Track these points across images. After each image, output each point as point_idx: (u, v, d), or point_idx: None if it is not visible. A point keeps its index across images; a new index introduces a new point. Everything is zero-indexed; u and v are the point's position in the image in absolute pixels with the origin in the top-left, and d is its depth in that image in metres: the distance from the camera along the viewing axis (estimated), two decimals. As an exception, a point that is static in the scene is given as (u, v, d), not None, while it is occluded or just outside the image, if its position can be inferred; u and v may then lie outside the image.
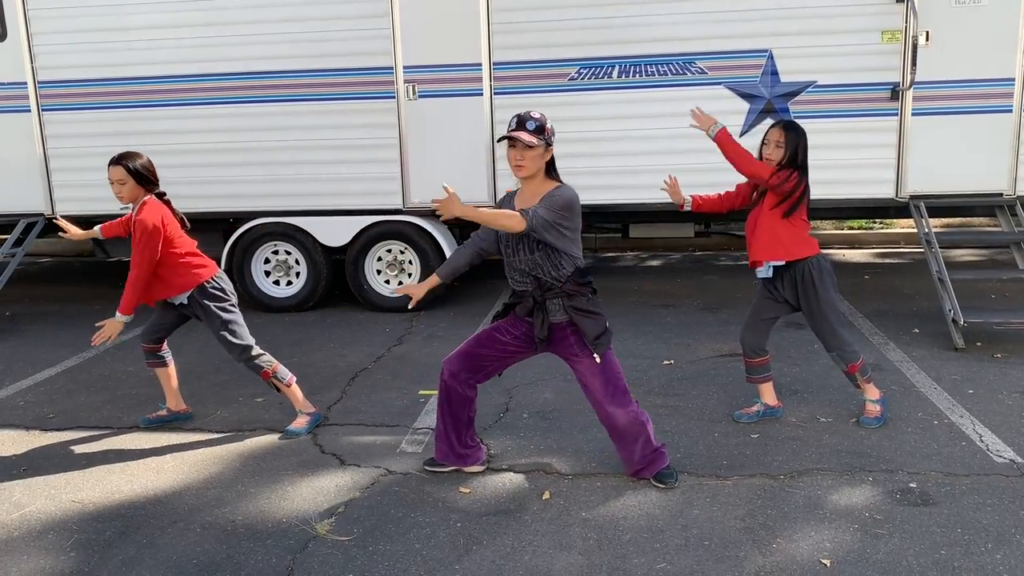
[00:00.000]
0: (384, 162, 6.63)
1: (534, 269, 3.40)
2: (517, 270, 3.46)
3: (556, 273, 3.40)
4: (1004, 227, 6.15)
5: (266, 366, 4.23)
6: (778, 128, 4.06)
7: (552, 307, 3.42)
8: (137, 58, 6.71)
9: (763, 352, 4.24)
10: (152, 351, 4.42)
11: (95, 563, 3.11)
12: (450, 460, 3.71)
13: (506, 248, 3.47)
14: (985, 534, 3.11)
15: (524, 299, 3.46)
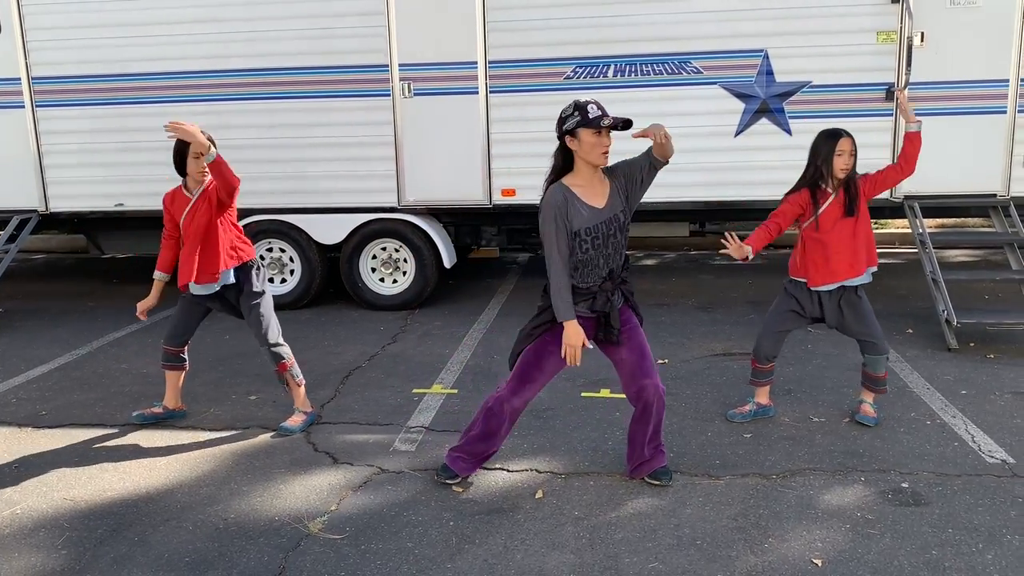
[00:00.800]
0: (379, 160, 6.62)
1: (618, 253, 3.35)
2: (600, 261, 3.32)
3: (623, 261, 3.42)
4: (998, 228, 6.16)
5: (287, 358, 4.26)
6: (847, 139, 3.91)
7: (615, 298, 3.40)
8: (132, 54, 6.69)
9: (774, 360, 4.24)
10: (176, 354, 4.40)
11: (86, 561, 3.10)
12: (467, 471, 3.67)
13: (596, 236, 3.27)
14: (976, 534, 3.12)
15: (595, 296, 3.35)
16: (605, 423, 4.28)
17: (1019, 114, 6.00)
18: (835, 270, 3.98)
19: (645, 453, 3.56)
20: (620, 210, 3.34)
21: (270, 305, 4.30)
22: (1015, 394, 4.57)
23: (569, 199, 3.27)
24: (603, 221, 3.29)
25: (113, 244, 7.53)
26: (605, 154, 3.26)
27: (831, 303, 4.05)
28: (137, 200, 6.87)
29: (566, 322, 3.27)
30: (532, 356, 3.43)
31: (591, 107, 3.23)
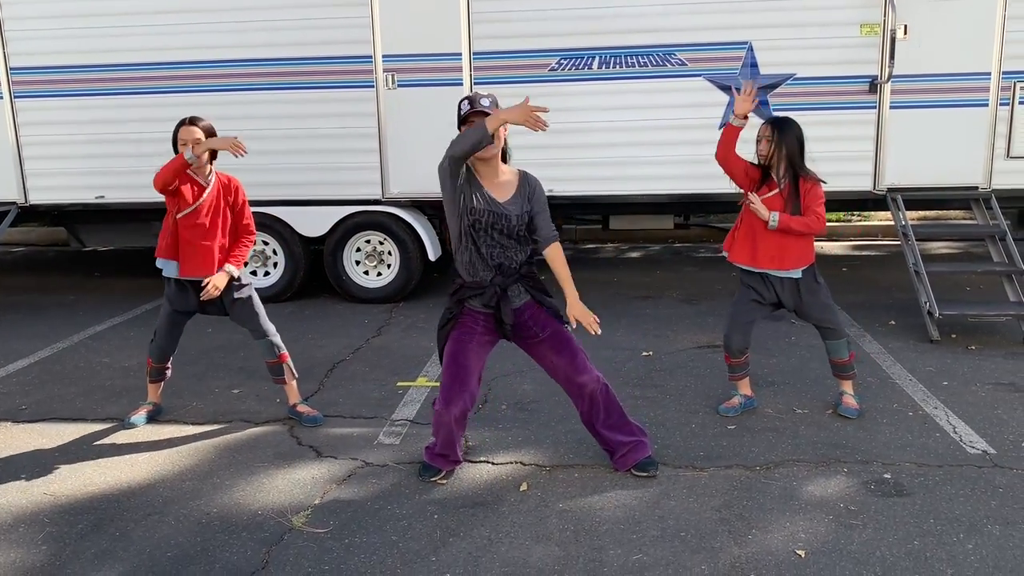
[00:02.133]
0: (363, 152, 6.59)
1: (505, 253, 3.38)
2: (484, 256, 3.37)
3: (522, 257, 3.43)
4: (979, 220, 6.21)
5: (284, 349, 4.25)
6: (767, 125, 4.02)
7: (513, 292, 3.44)
8: (113, 45, 6.61)
9: (747, 351, 4.26)
10: (163, 370, 4.34)
11: (67, 556, 3.07)
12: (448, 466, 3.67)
13: (477, 222, 3.33)
14: (957, 524, 3.14)
15: (484, 290, 3.39)
16: (590, 415, 4.28)
17: (1000, 107, 6.04)
18: (758, 257, 4.04)
19: (618, 438, 3.56)
20: (516, 214, 3.36)
21: (257, 296, 4.28)
22: (996, 385, 4.61)
23: (471, 179, 3.36)
24: (491, 212, 3.32)
25: (94, 237, 7.46)
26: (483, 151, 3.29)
27: (784, 288, 4.08)
28: (118, 192, 6.80)
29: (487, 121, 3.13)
30: (449, 359, 3.45)
31: (463, 104, 3.31)
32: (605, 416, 3.55)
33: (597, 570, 2.90)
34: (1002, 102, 6.04)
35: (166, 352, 4.28)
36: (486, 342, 3.50)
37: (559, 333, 3.49)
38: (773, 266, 4.04)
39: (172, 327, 4.24)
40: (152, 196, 6.57)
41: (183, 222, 4.05)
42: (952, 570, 2.85)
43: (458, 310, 3.49)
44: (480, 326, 3.47)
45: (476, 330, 3.47)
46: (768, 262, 4.04)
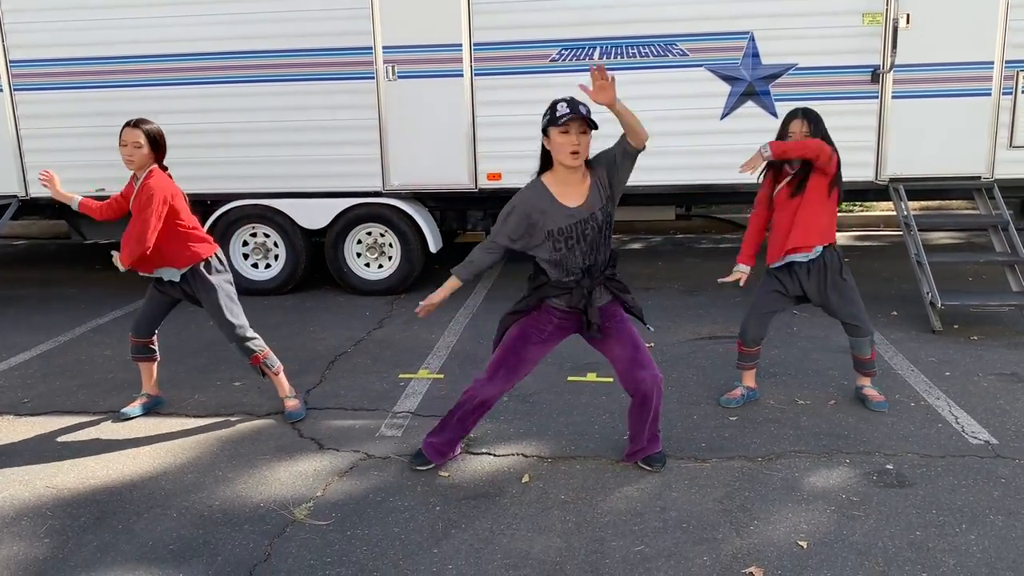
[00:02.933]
0: (363, 144, 6.57)
1: (596, 253, 3.29)
2: (577, 258, 3.28)
3: (605, 257, 3.35)
4: (982, 210, 6.19)
5: (258, 351, 4.18)
6: (801, 119, 3.97)
7: (598, 293, 3.37)
8: (112, 37, 6.60)
9: (761, 342, 4.25)
10: (144, 345, 4.32)
11: (69, 549, 3.08)
12: (441, 460, 3.66)
13: (569, 236, 3.24)
14: (959, 515, 3.14)
15: (573, 290, 3.31)
16: (591, 407, 4.28)
17: (1003, 96, 6.01)
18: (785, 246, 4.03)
19: (644, 441, 3.57)
20: (599, 208, 3.27)
21: (229, 296, 4.17)
22: (998, 376, 4.60)
23: (543, 198, 3.24)
24: (578, 221, 3.24)
25: (95, 230, 7.44)
26: (575, 154, 3.14)
27: (810, 278, 4.06)
28: (118, 185, 6.74)
29: (452, 277, 3.41)
30: (509, 343, 3.43)
31: (560, 105, 3.14)
32: (653, 420, 3.51)
33: (599, 562, 2.90)
34: (1005, 91, 6.01)
35: (141, 324, 4.25)
36: (553, 340, 3.45)
37: (623, 324, 3.45)
38: (800, 248, 3.99)
39: (150, 302, 4.24)
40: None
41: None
42: (954, 561, 2.85)
43: (536, 304, 3.41)
44: (553, 325, 3.41)
45: (547, 329, 3.41)
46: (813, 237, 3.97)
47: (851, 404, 4.24)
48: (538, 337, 3.41)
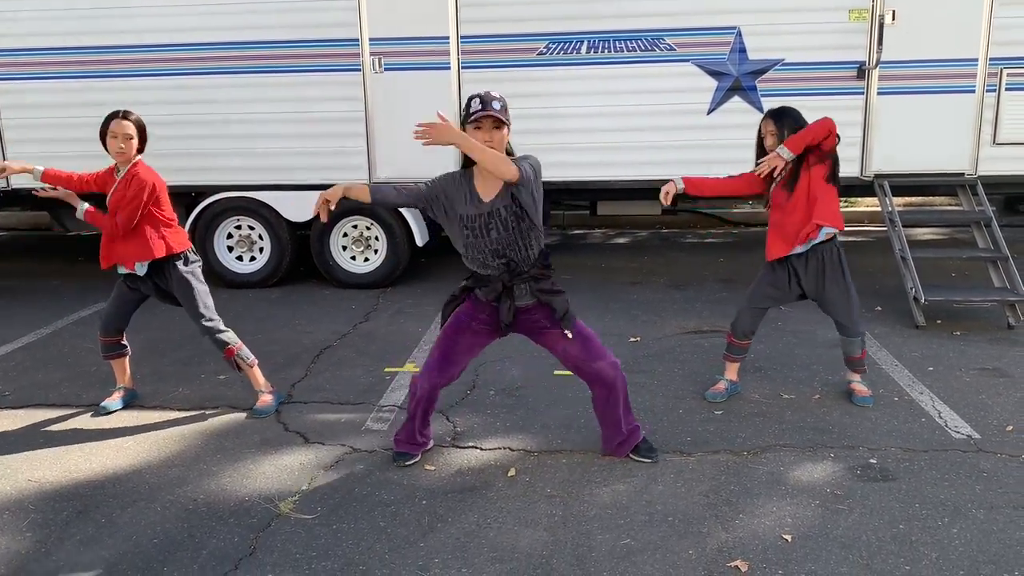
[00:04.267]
0: (350, 136, 6.54)
1: (508, 249, 3.28)
2: (486, 251, 3.29)
3: (526, 253, 3.31)
4: (965, 206, 6.23)
5: (232, 343, 4.15)
6: (767, 119, 4.03)
7: (519, 292, 3.36)
8: (94, 27, 6.53)
9: (751, 336, 4.27)
10: (114, 343, 4.27)
11: (52, 543, 3.05)
12: (415, 451, 3.67)
13: (474, 227, 3.27)
14: (942, 508, 3.17)
15: (490, 283, 3.33)
16: (577, 401, 4.28)
17: (987, 93, 6.05)
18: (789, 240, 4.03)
19: (623, 431, 3.57)
20: (503, 204, 3.24)
21: (206, 291, 4.16)
22: (980, 370, 4.64)
23: (461, 183, 3.30)
24: (482, 214, 3.26)
25: (77, 221, 7.35)
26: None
27: (808, 272, 4.06)
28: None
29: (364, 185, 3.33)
30: (441, 335, 3.49)
31: (474, 101, 3.18)
32: (625, 407, 3.53)
33: (585, 555, 2.91)
34: (989, 88, 6.05)
35: (109, 323, 4.21)
36: (484, 331, 3.46)
37: (550, 331, 3.44)
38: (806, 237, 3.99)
39: (116, 297, 4.20)
40: (136, 180, 6.52)
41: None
42: (936, 554, 2.87)
43: (463, 295, 3.47)
44: (484, 315, 3.43)
45: (478, 318, 3.44)
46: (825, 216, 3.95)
47: (836, 398, 4.27)
48: (469, 327, 3.45)
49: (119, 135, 3.93)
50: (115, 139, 3.94)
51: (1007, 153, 6.14)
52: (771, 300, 4.19)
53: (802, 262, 4.06)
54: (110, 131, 3.94)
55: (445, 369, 3.46)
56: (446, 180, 3.34)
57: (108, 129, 3.95)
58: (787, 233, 4.02)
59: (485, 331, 3.48)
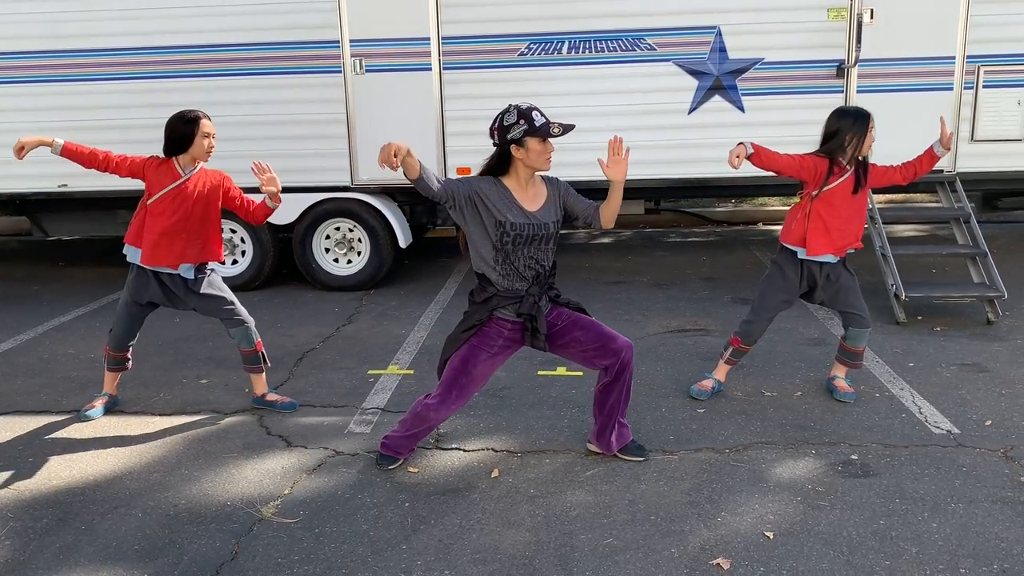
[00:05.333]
0: (331, 138, 6.52)
1: (542, 259, 3.32)
2: (521, 261, 3.27)
3: (551, 263, 3.38)
4: (944, 203, 6.28)
5: (259, 337, 4.24)
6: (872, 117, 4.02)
7: (542, 302, 3.36)
8: (72, 30, 6.48)
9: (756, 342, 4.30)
10: (123, 358, 4.26)
11: (31, 551, 3.03)
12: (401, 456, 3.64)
13: (518, 235, 3.23)
14: (922, 503, 3.19)
15: (524, 299, 3.30)
16: (561, 401, 4.29)
17: (965, 91, 6.11)
18: (834, 242, 4.01)
19: (618, 422, 3.55)
20: (553, 220, 3.32)
21: (225, 285, 4.23)
22: (960, 366, 4.68)
23: (502, 190, 3.26)
24: (532, 223, 3.26)
25: (58, 226, 7.32)
26: (549, 159, 3.25)
27: (822, 273, 4.08)
28: (81, 180, 6.67)
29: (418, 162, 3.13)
30: (459, 363, 3.35)
31: (535, 115, 3.18)
32: (627, 392, 3.51)
33: (568, 555, 2.91)
34: (966, 86, 6.10)
35: (123, 341, 4.21)
36: (504, 353, 3.41)
37: (576, 315, 3.45)
38: (842, 250, 4.03)
39: (129, 317, 4.16)
40: (116, 184, 6.47)
41: (152, 209, 3.99)
42: (916, 548, 2.89)
43: (486, 319, 3.35)
44: (503, 338, 3.37)
45: (497, 342, 3.37)
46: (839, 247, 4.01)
47: (817, 396, 4.29)
48: (487, 353, 3.37)
49: (210, 134, 3.99)
50: (208, 138, 3.98)
51: (985, 150, 6.20)
52: (783, 305, 4.20)
53: (824, 271, 4.08)
54: (201, 131, 3.95)
55: (462, 399, 3.39)
56: (485, 182, 3.26)
57: (197, 130, 3.94)
58: (832, 236, 4.00)
59: (506, 349, 3.42)
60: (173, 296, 4.11)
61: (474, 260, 3.37)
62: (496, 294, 3.32)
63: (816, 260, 4.05)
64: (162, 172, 3.98)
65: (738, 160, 3.80)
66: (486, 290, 3.33)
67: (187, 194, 3.98)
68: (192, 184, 3.99)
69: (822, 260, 4.05)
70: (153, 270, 4.05)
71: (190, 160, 4.00)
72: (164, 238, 3.97)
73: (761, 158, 3.91)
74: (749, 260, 7.62)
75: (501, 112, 3.23)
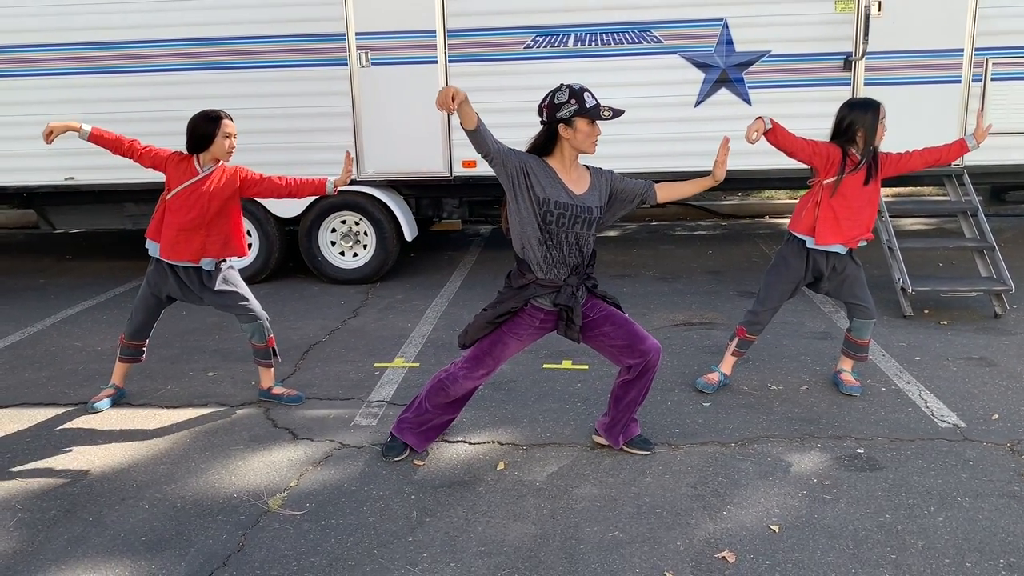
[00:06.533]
0: (337, 131, 6.52)
1: (583, 243, 3.28)
2: (563, 243, 3.24)
3: (591, 249, 3.36)
4: (952, 196, 6.26)
5: (272, 333, 4.24)
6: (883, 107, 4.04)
7: (579, 292, 3.33)
8: (78, 23, 6.49)
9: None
10: (138, 347, 4.29)
11: (39, 542, 3.04)
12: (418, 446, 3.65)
13: (562, 214, 3.20)
14: (928, 497, 3.19)
15: (559, 289, 3.28)
16: (567, 394, 4.29)
17: (973, 83, 6.08)
18: (844, 232, 4.00)
19: (630, 417, 3.55)
20: (597, 205, 3.29)
21: (241, 280, 4.24)
22: (967, 360, 4.66)
23: (548, 169, 3.23)
24: (576, 204, 3.22)
25: (65, 219, 7.34)
26: (595, 143, 3.23)
27: (829, 262, 4.08)
28: (89, 174, 6.70)
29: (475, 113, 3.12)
30: (488, 345, 3.38)
31: (587, 96, 3.15)
32: (646, 391, 3.49)
33: (574, 548, 2.92)
34: (975, 78, 6.07)
35: (139, 331, 4.23)
36: (534, 338, 3.42)
37: (610, 309, 3.42)
38: (853, 241, 4.02)
39: (147, 309, 4.19)
40: (123, 177, 6.50)
41: (171, 204, 4.01)
42: (923, 542, 2.89)
43: (521, 306, 3.33)
44: (534, 327, 3.37)
45: (528, 332, 3.37)
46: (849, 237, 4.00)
47: (823, 389, 4.29)
48: (519, 340, 3.39)
49: (231, 135, 3.99)
50: (229, 138, 3.98)
51: (993, 143, 6.15)
52: (788, 295, 4.19)
53: (830, 262, 4.07)
54: (223, 132, 3.95)
55: (491, 375, 3.46)
56: (532, 159, 3.23)
57: (219, 130, 3.94)
58: (843, 226, 3.99)
59: (529, 338, 3.42)
60: (188, 291, 4.14)
61: (515, 241, 3.32)
62: (534, 282, 3.29)
63: (823, 250, 4.04)
64: (182, 168, 4.00)
65: (756, 135, 3.79)
66: (524, 276, 3.30)
67: (203, 191, 3.99)
68: (209, 182, 4.00)
69: (829, 250, 4.04)
70: (171, 264, 4.07)
71: (210, 159, 4.01)
72: (182, 234, 4.00)
73: (777, 136, 3.90)
74: (755, 253, 7.61)
75: (552, 90, 3.21)
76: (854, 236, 4.02)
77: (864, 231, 4.04)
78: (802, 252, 4.09)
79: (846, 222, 3.99)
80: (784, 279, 4.15)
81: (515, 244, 3.34)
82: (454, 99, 2.96)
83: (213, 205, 4.01)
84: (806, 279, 4.15)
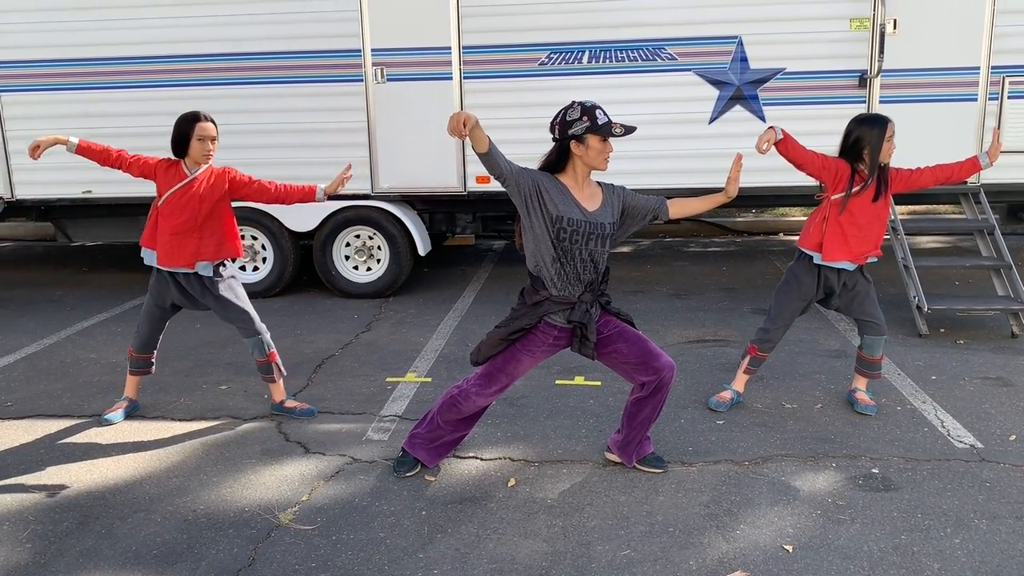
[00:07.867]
0: (352, 146, 6.55)
1: (598, 260, 3.28)
2: (577, 260, 3.23)
3: (605, 267, 3.36)
4: (968, 215, 6.22)
5: (273, 347, 4.23)
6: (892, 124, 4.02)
7: (593, 309, 3.33)
8: (98, 39, 6.57)
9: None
10: (146, 360, 4.31)
11: (52, 554, 3.05)
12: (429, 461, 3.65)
13: (576, 232, 3.20)
14: (944, 519, 3.15)
15: (573, 307, 3.27)
16: (579, 411, 4.27)
17: (989, 101, 6.05)
18: (852, 249, 3.98)
19: (644, 436, 3.53)
20: (609, 221, 3.28)
21: (244, 293, 4.24)
22: (984, 379, 4.62)
23: (560, 186, 3.23)
24: (589, 221, 3.22)
25: (82, 232, 7.40)
26: (607, 160, 3.23)
27: (840, 279, 4.06)
28: (105, 187, 6.76)
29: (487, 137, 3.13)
30: (501, 362, 3.37)
31: (598, 113, 3.16)
32: (660, 408, 3.47)
33: (585, 566, 2.90)
34: (991, 96, 6.05)
35: (147, 344, 4.26)
36: (547, 355, 3.41)
37: (623, 327, 3.41)
38: (861, 259, 4.01)
39: (151, 320, 4.22)
40: (139, 191, 6.55)
41: (163, 210, 4.03)
42: (939, 564, 2.85)
43: (535, 324, 3.32)
44: (548, 344, 3.36)
45: (542, 348, 3.36)
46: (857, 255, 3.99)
47: (838, 408, 4.25)
48: (532, 356, 3.38)
49: (206, 138, 3.98)
50: (203, 142, 3.97)
51: (1010, 161, 6.12)
52: (799, 312, 4.18)
53: (840, 278, 4.06)
54: (196, 134, 3.95)
55: (504, 391, 3.45)
56: (545, 176, 3.22)
57: (193, 132, 3.95)
58: (850, 243, 3.98)
59: (543, 356, 3.41)
60: (190, 297, 4.16)
61: (529, 259, 3.32)
62: (548, 298, 3.28)
63: (833, 266, 4.03)
64: (171, 173, 4.03)
65: (767, 145, 3.79)
66: (539, 293, 3.29)
67: (193, 193, 4.00)
68: (197, 183, 4.02)
69: (839, 266, 4.02)
70: (170, 272, 4.09)
71: (193, 162, 4.03)
72: (175, 238, 4.02)
73: (788, 147, 3.90)
74: (769, 270, 7.58)
75: (564, 108, 3.22)
76: (862, 253, 4.01)
77: (872, 248, 4.02)
78: (812, 269, 4.08)
79: (854, 239, 3.98)
80: (795, 296, 4.13)
81: (529, 262, 3.33)
82: (465, 124, 2.98)
83: (204, 207, 4.03)
84: (817, 295, 4.13)
